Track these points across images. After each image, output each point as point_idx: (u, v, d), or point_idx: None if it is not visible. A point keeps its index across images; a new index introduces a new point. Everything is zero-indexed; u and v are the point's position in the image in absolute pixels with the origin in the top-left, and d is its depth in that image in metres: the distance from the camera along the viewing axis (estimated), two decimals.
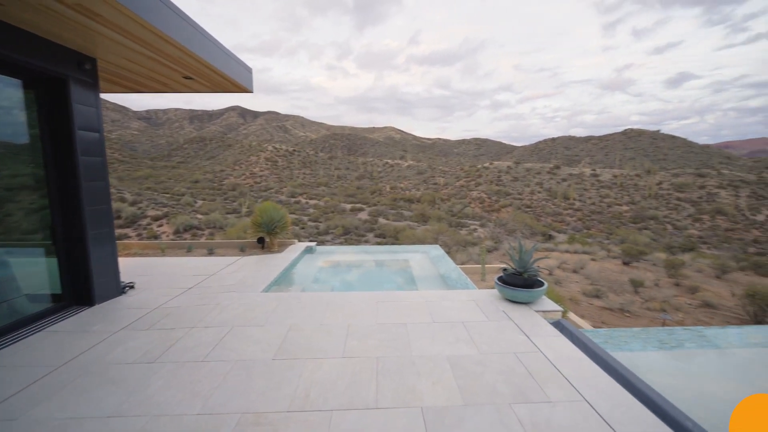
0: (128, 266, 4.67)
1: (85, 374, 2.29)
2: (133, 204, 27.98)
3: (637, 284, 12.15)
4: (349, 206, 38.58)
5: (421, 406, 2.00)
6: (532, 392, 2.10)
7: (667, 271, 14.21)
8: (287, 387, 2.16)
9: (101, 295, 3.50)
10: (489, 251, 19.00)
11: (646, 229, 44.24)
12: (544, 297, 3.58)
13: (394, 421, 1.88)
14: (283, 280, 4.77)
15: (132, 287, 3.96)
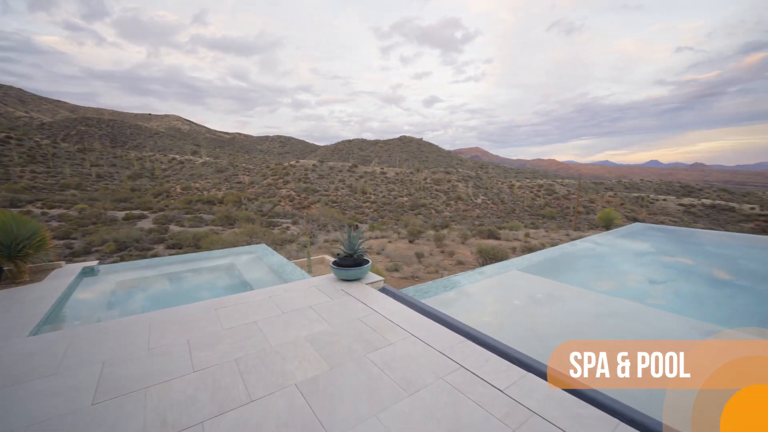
0: None
1: None
2: None
3: (419, 256, 15.82)
4: (121, 214, 30.09)
5: (294, 383, 2.16)
6: (378, 342, 2.66)
7: (436, 243, 19.17)
8: (131, 423, 1.81)
9: None
10: (304, 246, 19.75)
11: (419, 214, 57.23)
12: (369, 272, 4.33)
13: (274, 404, 1.97)
14: (59, 316, 3.51)
15: None
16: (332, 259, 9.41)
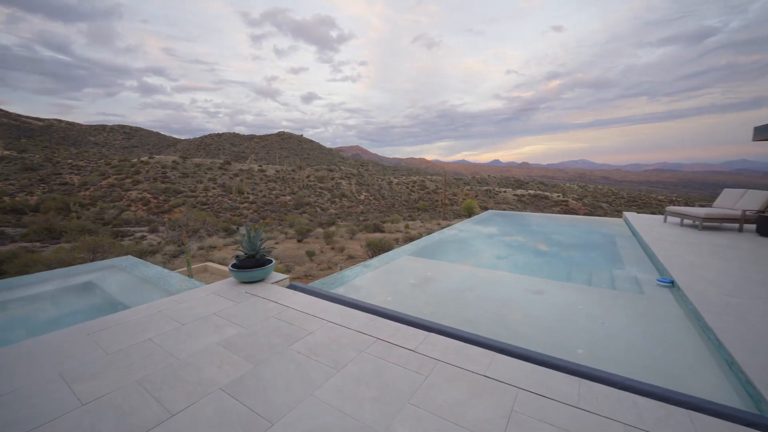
0: None
1: None
2: None
3: (311, 254, 15.75)
4: None
5: (218, 387, 2.11)
6: (298, 333, 2.78)
7: (325, 240, 19.33)
8: None
9: None
10: (174, 256, 17.11)
11: (305, 213, 56.10)
12: (273, 272, 4.28)
13: (201, 412, 1.90)
14: None
15: None
16: (218, 266, 8.59)
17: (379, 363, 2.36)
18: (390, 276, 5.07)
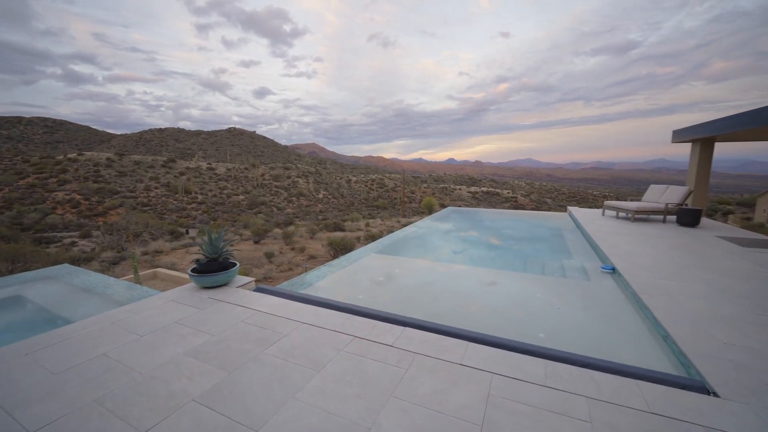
0: None
1: None
2: None
3: (270, 256, 15.20)
4: None
5: (192, 399, 1.99)
6: (272, 337, 2.70)
7: (285, 241, 18.76)
8: None
9: None
10: (114, 263, 15.58)
11: (260, 212, 53.93)
12: (237, 275, 4.09)
13: (176, 426, 1.78)
14: None
15: None
16: (169, 272, 7.99)
17: (359, 360, 2.37)
18: (358, 275, 5.08)
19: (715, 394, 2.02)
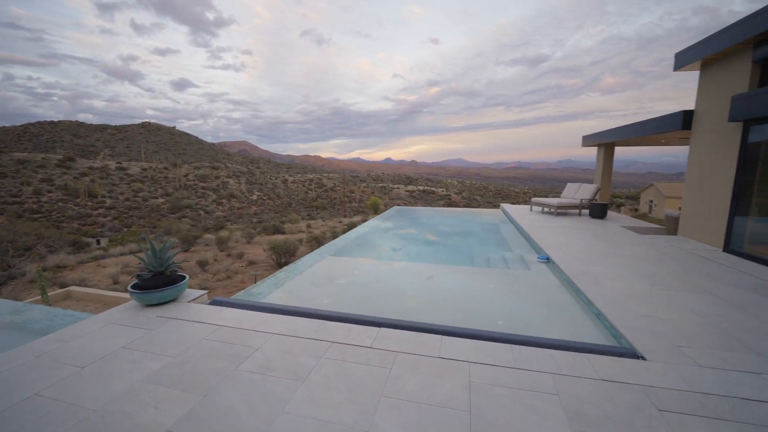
0: None
1: None
2: None
3: (203, 264, 13.98)
4: None
5: (166, 429, 1.80)
6: (243, 352, 2.54)
7: (219, 247, 17.39)
8: None
9: None
10: (1, 284, 12.91)
11: (184, 217, 49.04)
12: (187, 289, 3.73)
13: None
14: None
15: None
16: (86, 290, 6.90)
17: (341, 365, 2.37)
18: (319, 277, 4.99)
19: (643, 358, 2.46)
